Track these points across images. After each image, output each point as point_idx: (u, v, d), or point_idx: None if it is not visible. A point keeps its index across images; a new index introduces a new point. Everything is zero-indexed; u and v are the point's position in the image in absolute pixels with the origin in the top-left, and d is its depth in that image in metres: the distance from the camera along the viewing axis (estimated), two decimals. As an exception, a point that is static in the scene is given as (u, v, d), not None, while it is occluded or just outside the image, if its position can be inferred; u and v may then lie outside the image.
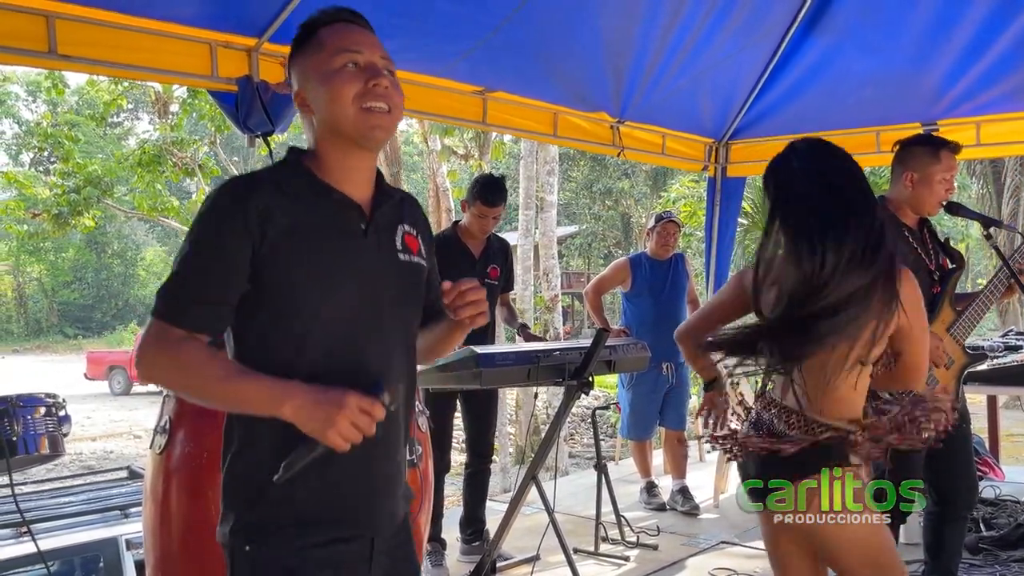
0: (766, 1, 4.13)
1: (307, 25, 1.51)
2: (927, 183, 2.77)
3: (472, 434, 3.88)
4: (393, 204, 1.53)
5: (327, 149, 1.47)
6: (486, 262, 3.83)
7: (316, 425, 1.30)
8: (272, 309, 1.39)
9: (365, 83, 1.43)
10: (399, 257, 1.51)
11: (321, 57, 1.45)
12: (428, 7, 3.25)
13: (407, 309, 1.54)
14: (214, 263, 1.37)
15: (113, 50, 2.85)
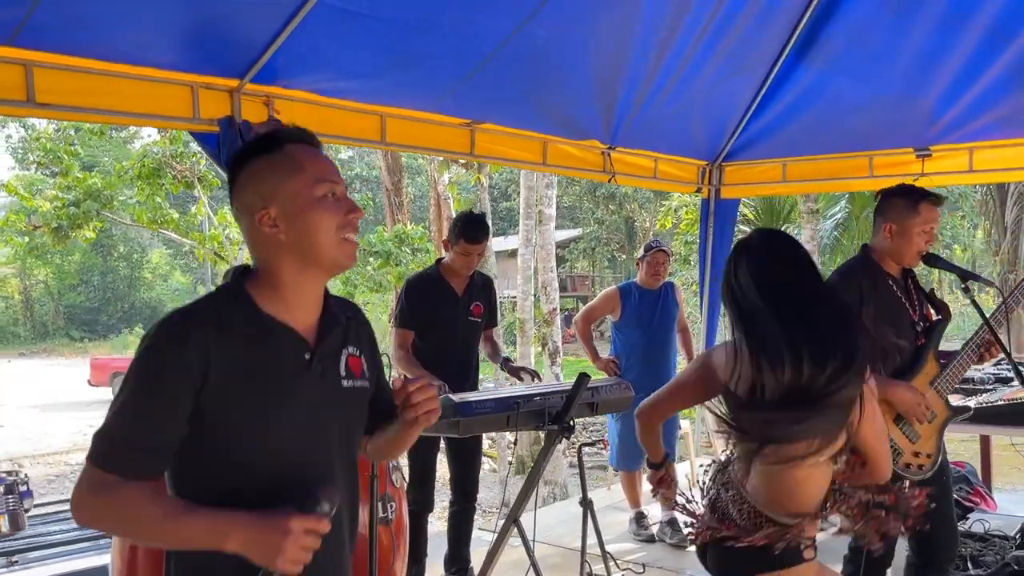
0: (755, 30, 4.09)
1: (273, 138, 1.48)
2: (906, 235, 2.75)
3: (456, 473, 3.88)
4: (339, 329, 1.53)
5: (285, 272, 1.45)
6: (469, 300, 3.83)
7: (265, 555, 1.29)
8: (214, 446, 1.38)
9: (345, 214, 1.44)
10: (343, 384, 1.52)
11: (301, 182, 1.43)
12: (409, 45, 3.24)
13: (351, 431, 1.56)
14: (152, 409, 1.35)
15: (92, 96, 2.85)
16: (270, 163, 1.44)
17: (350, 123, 3.61)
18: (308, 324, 1.47)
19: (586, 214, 27.12)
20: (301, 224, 1.41)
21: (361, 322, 1.63)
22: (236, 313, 1.42)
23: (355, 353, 1.56)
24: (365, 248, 11.35)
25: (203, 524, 1.32)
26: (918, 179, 4.82)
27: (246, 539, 1.30)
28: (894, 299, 2.78)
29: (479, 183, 10.67)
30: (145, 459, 1.35)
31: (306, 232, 1.41)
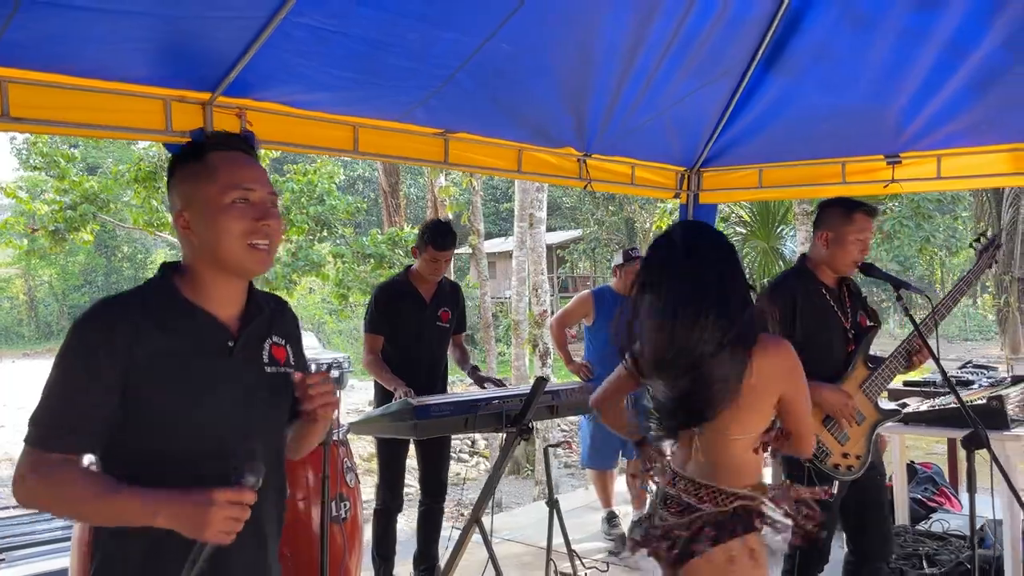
0: (721, 44, 4.18)
1: (197, 147, 1.57)
2: (840, 243, 2.85)
3: (425, 474, 3.99)
4: (262, 319, 1.60)
5: (202, 271, 1.54)
6: (437, 306, 3.93)
7: (193, 527, 1.37)
8: (142, 428, 1.47)
9: (254, 221, 1.51)
10: (266, 370, 1.59)
11: (212, 189, 1.50)
12: (375, 61, 3.33)
13: (274, 417, 1.63)
14: (81, 391, 1.44)
15: (66, 111, 2.95)
16: (192, 169, 1.54)
17: (323, 133, 3.71)
18: (231, 315, 1.56)
19: (586, 215, 27.18)
20: (207, 229, 1.50)
21: (287, 316, 1.72)
22: (161, 301, 1.51)
23: (279, 343, 1.64)
24: (358, 251, 11.44)
25: (134, 502, 1.39)
26: (888, 185, 4.94)
27: (173, 514, 1.37)
28: (826, 306, 2.88)
29: (471, 186, 10.76)
30: (74, 437, 1.44)
31: (213, 237, 1.50)
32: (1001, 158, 4.63)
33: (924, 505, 4.71)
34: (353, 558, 2.73)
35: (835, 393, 2.78)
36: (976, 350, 24.73)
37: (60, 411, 1.45)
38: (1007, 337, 15.90)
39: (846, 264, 2.87)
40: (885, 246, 18.78)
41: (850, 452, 2.82)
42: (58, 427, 1.44)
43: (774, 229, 15.05)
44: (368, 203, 28.04)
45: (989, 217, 16.34)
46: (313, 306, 27.99)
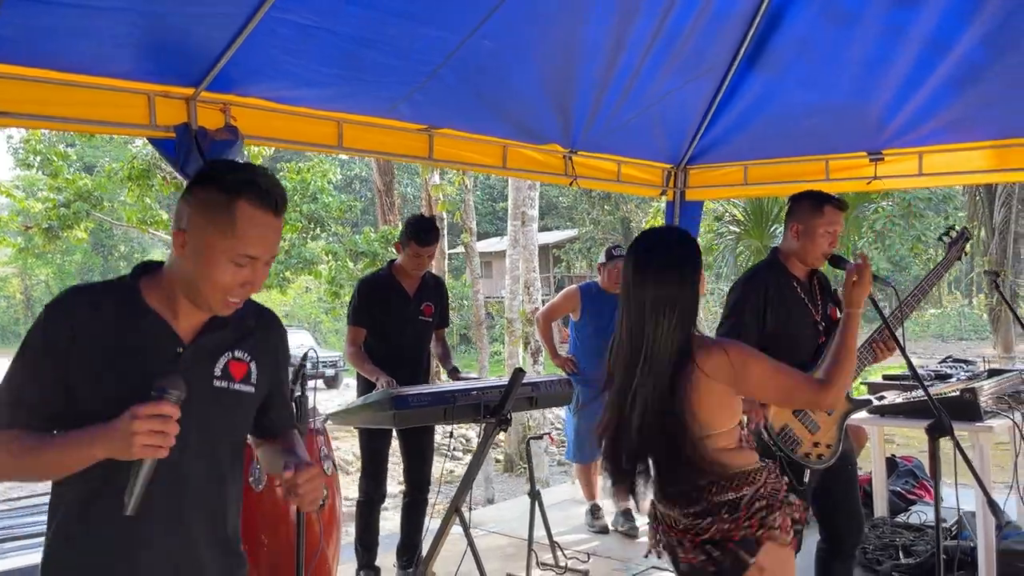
0: (705, 40, 4.22)
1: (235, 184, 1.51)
2: (810, 235, 2.90)
3: (409, 466, 4.03)
4: (224, 333, 1.61)
5: (173, 284, 1.57)
6: (420, 300, 3.97)
7: (122, 446, 1.40)
8: (76, 415, 1.49)
9: (241, 284, 1.53)
10: (213, 384, 1.59)
11: (227, 243, 1.49)
12: (359, 58, 3.37)
13: (215, 430, 1.61)
14: (24, 370, 1.51)
15: (50, 105, 2.99)
16: (215, 203, 1.51)
17: (307, 129, 3.74)
18: (191, 325, 1.59)
19: (582, 215, 27.24)
20: (198, 265, 1.52)
21: (268, 332, 1.71)
22: (119, 299, 1.55)
23: (242, 358, 1.63)
24: (352, 249, 11.48)
25: (70, 442, 1.46)
26: (872, 182, 4.99)
27: (104, 440, 1.41)
28: (796, 299, 2.93)
29: (463, 184, 10.80)
30: (24, 413, 1.50)
31: (198, 275, 1.52)
32: (982, 155, 4.68)
33: (903, 498, 4.76)
34: (331, 546, 2.77)
35: None
36: (971, 349, 24.78)
37: (13, 390, 1.51)
38: (999, 336, 15.92)
39: (816, 256, 2.92)
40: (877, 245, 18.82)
41: (821, 441, 2.87)
42: (10, 404, 1.50)
43: (767, 228, 15.10)
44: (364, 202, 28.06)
45: (982, 216, 16.35)
46: (309, 305, 28.01)
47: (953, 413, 2.91)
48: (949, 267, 3.25)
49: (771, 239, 15.36)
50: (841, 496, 2.98)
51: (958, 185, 14.16)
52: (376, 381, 3.59)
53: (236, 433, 1.68)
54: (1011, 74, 3.99)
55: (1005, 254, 15.81)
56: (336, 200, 11.77)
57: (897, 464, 5.03)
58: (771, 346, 2.93)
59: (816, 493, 2.94)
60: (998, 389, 3.91)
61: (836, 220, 2.92)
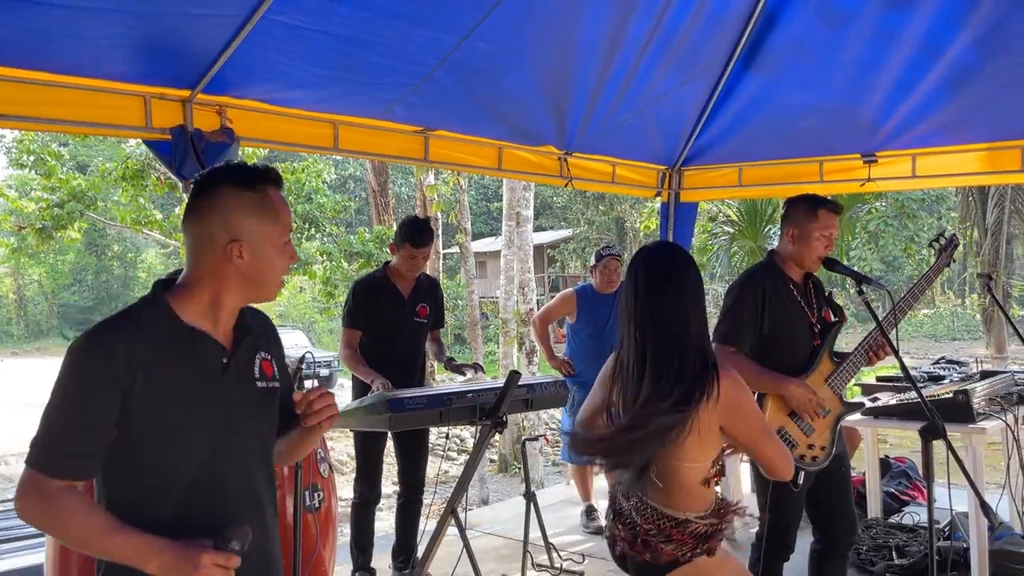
0: (700, 40, 4.23)
1: (255, 175, 1.63)
2: (806, 239, 2.92)
3: (403, 467, 4.03)
4: (252, 336, 1.68)
5: (220, 292, 1.60)
6: (415, 302, 3.98)
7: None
8: (141, 450, 1.52)
9: (288, 258, 1.67)
10: (257, 385, 1.66)
11: (276, 229, 1.63)
12: (354, 59, 3.38)
13: (266, 429, 1.71)
14: (81, 416, 1.48)
15: (46, 107, 2.98)
16: (250, 201, 1.60)
17: (303, 131, 3.75)
18: (224, 332, 1.63)
19: (577, 215, 27.24)
20: (262, 263, 1.61)
21: (270, 329, 1.79)
22: (157, 323, 1.56)
23: (267, 357, 1.71)
24: (346, 249, 11.47)
25: (129, 545, 1.47)
26: (865, 184, 5.01)
27: (163, 565, 1.45)
28: (793, 302, 2.95)
29: (457, 185, 10.80)
30: (74, 463, 1.49)
31: (264, 270, 1.62)
32: (975, 157, 4.70)
33: (897, 499, 4.78)
34: (327, 548, 2.78)
35: (800, 388, 2.84)
36: (963, 349, 24.87)
37: (60, 436, 1.49)
38: (992, 336, 15.98)
39: (811, 259, 2.94)
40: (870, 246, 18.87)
41: (815, 443, 2.89)
42: (58, 452, 1.49)
43: (762, 229, 15.10)
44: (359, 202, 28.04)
45: (975, 217, 16.41)
46: (303, 305, 27.97)
47: (946, 415, 2.94)
48: (939, 273, 3.27)
49: (765, 239, 15.39)
50: (835, 497, 2.99)
51: (951, 187, 14.18)
52: (371, 383, 3.59)
53: (275, 428, 1.76)
54: (1003, 76, 4.01)
55: (998, 255, 15.86)
56: (331, 200, 11.75)
57: (891, 465, 5.05)
58: (768, 348, 2.96)
59: (810, 494, 2.95)
60: (991, 391, 3.93)
61: (831, 224, 2.94)
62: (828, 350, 2.94)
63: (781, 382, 2.85)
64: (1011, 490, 4.01)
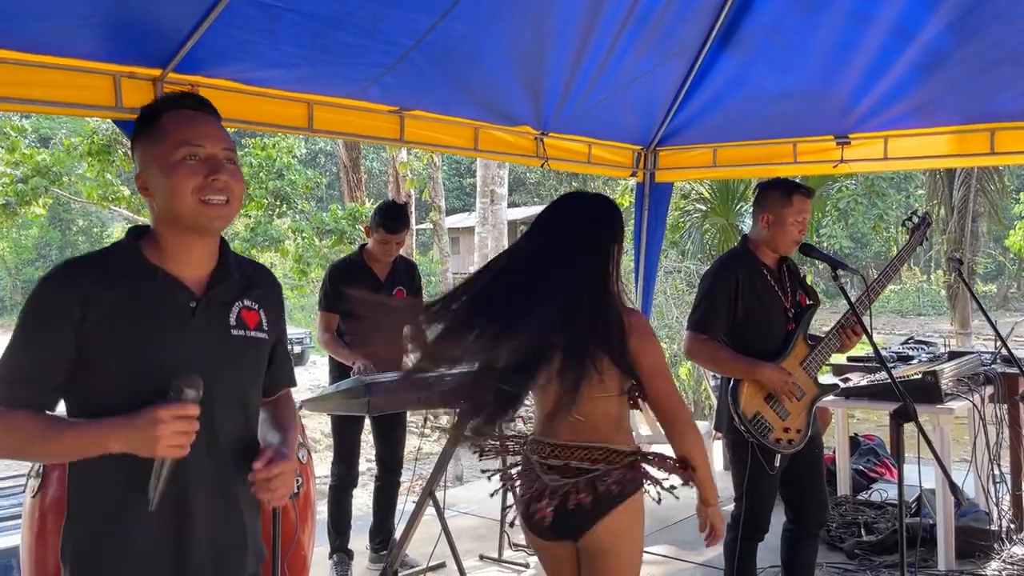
0: (675, 23, 4.23)
1: (151, 109, 1.60)
2: (780, 224, 2.95)
3: (381, 449, 4.04)
4: (232, 282, 1.61)
5: (164, 232, 1.56)
6: (392, 285, 3.97)
7: (145, 447, 1.42)
8: (97, 387, 1.50)
9: (204, 176, 1.52)
10: (231, 332, 1.59)
11: (163, 147, 1.53)
12: (327, 38, 3.33)
13: (241, 378, 1.62)
14: (35, 347, 1.48)
15: (13, 87, 2.91)
16: (146, 133, 1.57)
17: (276, 110, 3.69)
18: (198, 277, 1.58)
19: (550, 191, 27.23)
20: (161, 188, 1.53)
21: (268, 284, 1.72)
22: (123, 263, 1.54)
23: (251, 307, 1.64)
24: (319, 227, 11.38)
25: (84, 434, 1.45)
26: (838, 165, 5.06)
27: (124, 438, 1.42)
28: (767, 288, 2.98)
29: (432, 162, 10.73)
30: (28, 390, 1.48)
31: (167, 196, 1.52)
32: (946, 139, 4.76)
33: (865, 476, 4.89)
34: (306, 532, 2.78)
35: (775, 372, 2.88)
36: (928, 324, 25.34)
37: (16, 367, 1.48)
38: (957, 313, 16.31)
39: (786, 244, 2.97)
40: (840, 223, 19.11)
41: (791, 427, 2.93)
42: (14, 382, 1.48)
43: (734, 206, 15.22)
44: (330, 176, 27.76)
45: (942, 195, 16.65)
46: (273, 282, 27.73)
47: (915, 395, 3.00)
48: (911, 252, 3.32)
49: (737, 217, 15.50)
50: (808, 479, 3.05)
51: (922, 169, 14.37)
52: (353, 365, 3.59)
53: (258, 382, 1.69)
54: (974, 61, 4.05)
55: (963, 232, 16.14)
56: (302, 177, 11.62)
57: (859, 443, 5.16)
58: (743, 333, 3.00)
59: (784, 476, 3.01)
60: (958, 371, 4.02)
61: (805, 208, 2.98)
62: (803, 334, 2.99)
63: (756, 367, 2.89)
64: (977, 468, 4.11)
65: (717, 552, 3.96)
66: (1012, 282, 29.18)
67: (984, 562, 3.92)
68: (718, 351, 2.98)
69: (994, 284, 29.30)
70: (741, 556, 2.99)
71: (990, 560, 3.94)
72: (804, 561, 3.11)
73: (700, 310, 3.00)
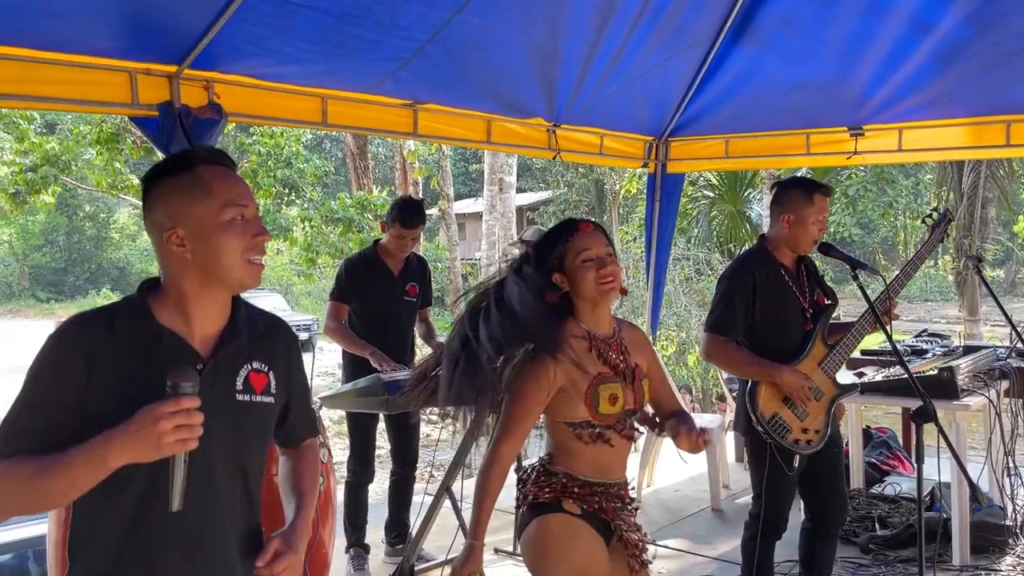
0: (690, 15, 4.21)
1: (185, 159, 1.53)
2: (802, 224, 2.93)
3: (396, 444, 4.05)
4: (240, 343, 1.56)
5: (188, 286, 1.51)
6: (405, 281, 3.97)
7: (148, 449, 1.36)
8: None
9: (252, 237, 1.50)
10: (236, 398, 1.54)
11: (209, 206, 1.48)
12: (342, 34, 3.32)
13: (243, 444, 1.57)
14: (39, 406, 1.44)
15: (30, 84, 2.91)
16: (179, 184, 1.49)
17: (291, 105, 3.69)
18: (207, 336, 1.53)
19: (556, 177, 27.14)
20: (207, 246, 1.48)
21: (281, 340, 1.66)
22: (131, 322, 1.49)
23: (260, 369, 1.59)
24: (327, 215, 11.37)
25: (79, 458, 1.38)
26: (851, 157, 5.04)
27: (123, 448, 1.36)
28: (785, 288, 2.97)
29: (440, 150, 10.71)
30: (26, 442, 1.42)
31: (212, 254, 1.48)
32: (961, 131, 4.74)
33: (878, 469, 4.89)
34: (326, 530, 2.80)
35: (793, 375, 2.88)
36: (936, 310, 25.27)
37: (18, 420, 1.45)
38: (965, 299, 16.24)
39: (807, 244, 2.96)
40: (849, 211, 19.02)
41: (809, 427, 2.93)
42: (14, 435, 1.44)
43: (741, 193, 15.19)
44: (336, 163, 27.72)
45: (951, 181, 16.56)
46: (281, 268, 27.77)
47: (931, 391, 2.98)
48: (932, 249, 3.30)
49: (745, 204, 15.47)
50: (827, 479, 3.05)
51: (936, 161, 14.29)
52: (369, 356, 3.62)
53: (262, 446, 1.64)
54: (991, 53, 4.03)
55: (973, 218, 16.05)
56: (311, 165, 11.61)
57: (872, 436, 5.16)
58: (761, 334, 2.99)
59: (803, 475, 3.00)
60: (974, 367, 4.00)
61: (825, 207, 2.97)
62: (821, 334, 2.97)
63: (773, 370, 2.88)
64: (992, 463, 4.11)
65: (732, 546, 3.97)
66: (1020, 267, 29.05)
67: (999, 557, 3.93)
68: (736, 353, 2.97)
69: (1002, 269, 29.19)
70: (758, 554, 3.00)
71: (1005, 555, 3.94)
72: (822, 560, 3.11)
73: (718, 312, 2.99)
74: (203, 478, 1.47)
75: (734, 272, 3.04)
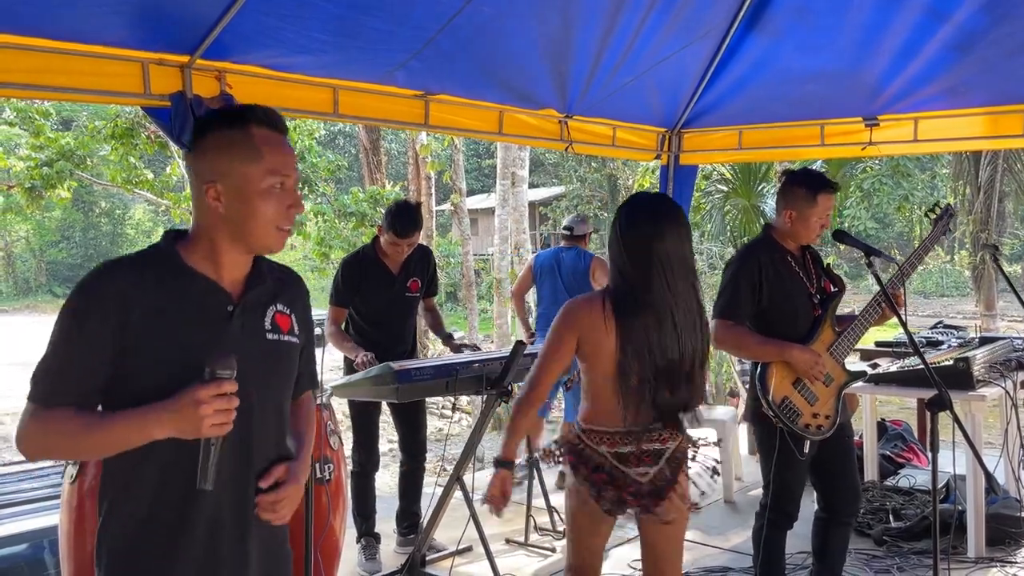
0: (703, 4, 4.18)
1: (241, 116, 1.55)
2: (804, 221, 2.96)
3: (403, 435, 4.05)
4: (266, 287, 1.62)
5: (215, 240, 1.55)
6: (406, 277, 3.95)
7: (189, 428, 1.43)
8: (136, 388, 1.49)
9: (287, 208, 1.55)
10: (267, 337, 1.60)
11: (254, 170, 1.51)
12: (355, 24, 3.32)
13: (276, 380, 1.64)
14: (76, 350, 1.48)
15: (42, 75, 2.92)
16: (231, 140, 1.53)
17: (302, 96, 3.69)
18: (234, 281, 1.59)
19: (569, 172, 27.08)
20: (242, 208, 1.52)
21: (297, 287, 1.74)
22: (161, 266, 1.53)
23: (284, 311, 1.66)
24: (340, 209, 11.40)
25: (125, 424, 1.46)
26: (866, 148, 5.00)
27: (166, 423, 1.43)
28: (791, 274, 2.97)
29: (453, 144, 10.70)
30: (66, 391, 1.48)
31: (245, 216, 1.52)
32: (977, 121, 4.69)
33: (893, 461, 4.86)
34: (337, 518, 2.81)
35: (805, 353, 2.87)
36: (952, 305, 25.08)
37: (56, 369, 1.49)
38: (982, 294, 16.10)
39: (809, 238, 3.00)
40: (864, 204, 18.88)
41: (820, 412, 2.91)
42: (54, 383, 1.48)
43: (755, 187, 15.05)
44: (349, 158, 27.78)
45: (967, 175, 16.40)
46: (294, 263, 27.90)
47: (947, 382, 2.97)
48: (935, 242, 3.29)
49: (759, 198, 15.38)
50: (839, 466, 3.04)
51: (952, 151, 14.17)
52: (355, 359, 3.60)
53: (291, 384, 1.70)
54: (1008, 42, 3.98)
55: (990, 212, 15.90)
56: (324, 160, 11.64)
57: (886, 428, 5.12)
58: (769, 320, 2.98)
59: (814, 463, 2.99)
60: (990, 358, 3.97)
61: (830, 205, 2.99)
62: (829, 320, 2.97)
63: (784, 348, 2.88)
64: (1008, 454, 4.07)
65: (744, 538, 3.96)
66: (1037, 262, 28.82)
67: (1014, 549, 3.90)
68: (745, 336, 2.97)
69: (1019, 264, 28.94)
70: (769, 543, 2.98)
71: (1020, 547, 3.91)
72: (835, 550, 3.10)
73: (725, 297, 3.00)
74: (245, 415, 1.51)
75: (739, 258, 3.05)
